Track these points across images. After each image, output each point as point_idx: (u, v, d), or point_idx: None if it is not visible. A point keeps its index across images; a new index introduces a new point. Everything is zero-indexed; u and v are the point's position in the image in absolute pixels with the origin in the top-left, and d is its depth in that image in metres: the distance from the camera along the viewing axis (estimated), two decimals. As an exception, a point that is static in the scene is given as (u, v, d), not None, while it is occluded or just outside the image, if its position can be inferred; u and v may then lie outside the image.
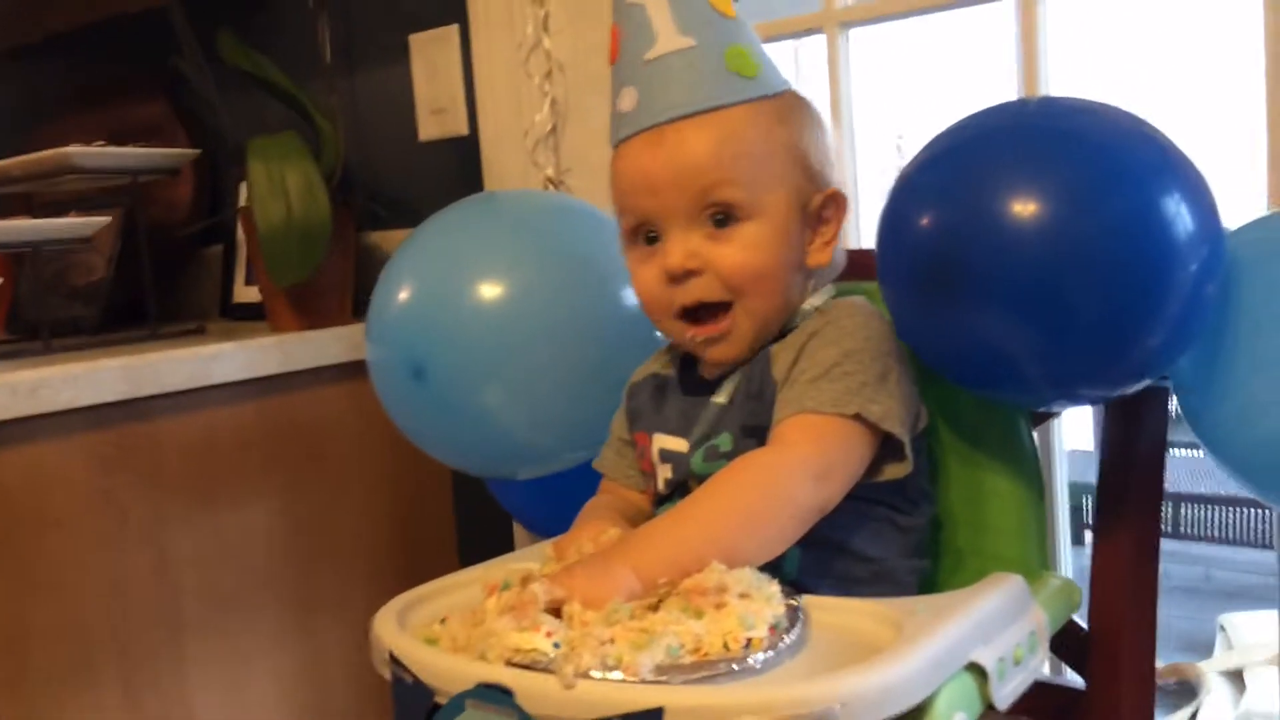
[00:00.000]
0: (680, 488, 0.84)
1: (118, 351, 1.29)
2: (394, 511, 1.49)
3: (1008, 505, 0.86)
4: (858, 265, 0.90)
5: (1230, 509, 3.11)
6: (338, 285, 1.47)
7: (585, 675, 0.62)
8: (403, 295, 1.00)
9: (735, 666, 0.62)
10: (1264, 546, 3.16)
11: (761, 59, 0.82)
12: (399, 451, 1.46)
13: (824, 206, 0.83)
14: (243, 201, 1.56)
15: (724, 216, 0.79)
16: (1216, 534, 3.16)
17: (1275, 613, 2.48)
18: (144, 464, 1.24)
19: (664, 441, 0.85)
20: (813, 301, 0.84)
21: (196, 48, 1.49)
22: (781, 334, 0.82)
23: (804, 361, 0.78)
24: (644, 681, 0.61)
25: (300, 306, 1.43)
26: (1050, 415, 0.95)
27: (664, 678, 0.61)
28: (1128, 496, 0.85)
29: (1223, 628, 2.52)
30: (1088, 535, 3.11)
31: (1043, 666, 0.76)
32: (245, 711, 1.32)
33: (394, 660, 0.71)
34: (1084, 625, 0.87)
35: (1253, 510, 3.08)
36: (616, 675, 0.62)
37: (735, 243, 0.79)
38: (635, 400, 0.90)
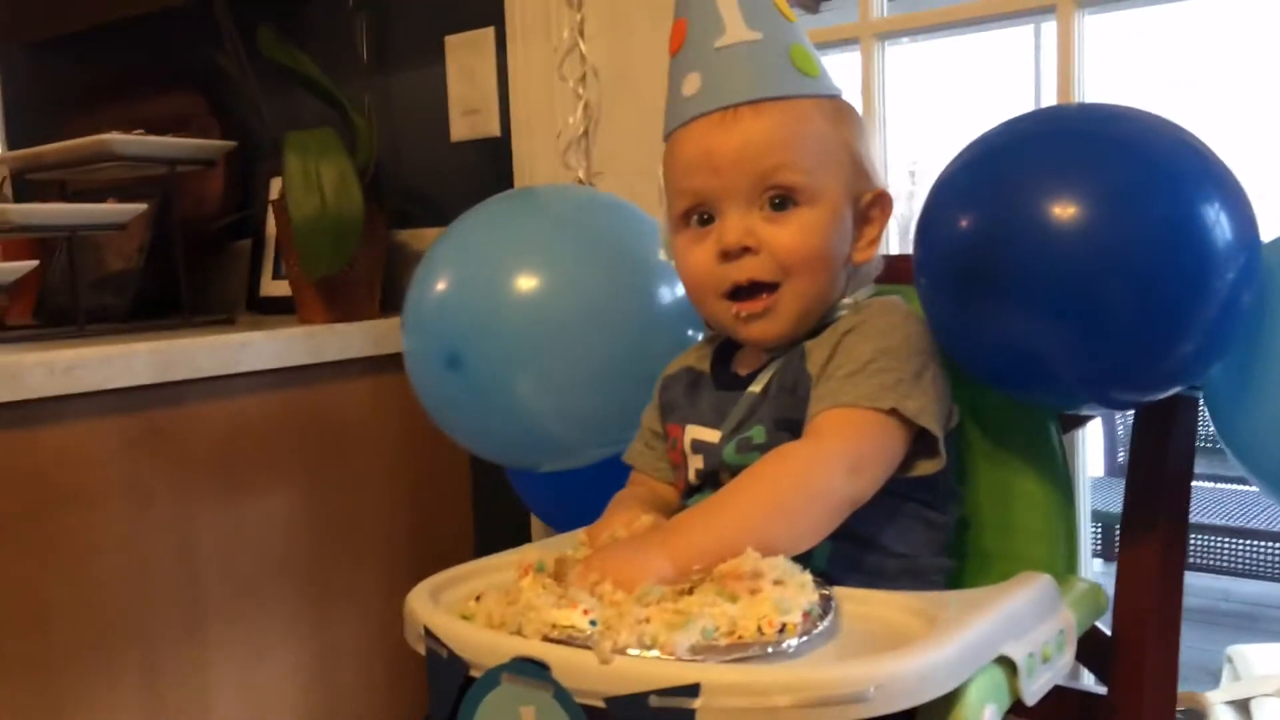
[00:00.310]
0: (711, 478, 0.85)
1: (151, 337, 1.30)
2: (412, 505, 1.50)
3: (1035, 508, 0.86)
4: (892, 269, 0.92)
5: (1239, 540, 3.10)
6: (367, 280, 1.48)
7: (622, 652, 0.63)
8: (440, 285, 1.01)
9: (770, 650, 0.63)
10: (1274, 579, 3.15)
11: (820, 62, 0.85)
12: (419, 446, 1.49)
13: (871, 205, 0.85)
14: (275, 195, 1.57)
15: (782, 200, 0.81)
16: (1225, 565, 3.15)
17: (1284, 645, 2.47)
18: (172, 448, 1.25)
19: (696, 432, 0.86)
20: (850, 299, 0.85)
21: (239, 42, 1.51)
22: (817, 330, 0.84)
23: (840, 357, 0.79)
24: (679, 660, 0.62)
25: (329, 299, 1.44)
26: (1080, 421, 0.95)
27: (699, 658, 0.62)
28: (1156, 503, 0.85)
29: (1229, 659, 2.51)
30: (1096, 563, 3.10)
31: (1069, 667, 0.76)
32: (260, 696, 1.33)
33: (429, 635, 0.72)
34: (1107, 631, 0.87)
35: (1264, 543, 3.07)
36: (654, 653, 0.63)
37: (792, 225, 0.81)
38: (669, 393, 0.91)
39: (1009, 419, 0.88)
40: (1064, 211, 0.71)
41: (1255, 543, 3.09)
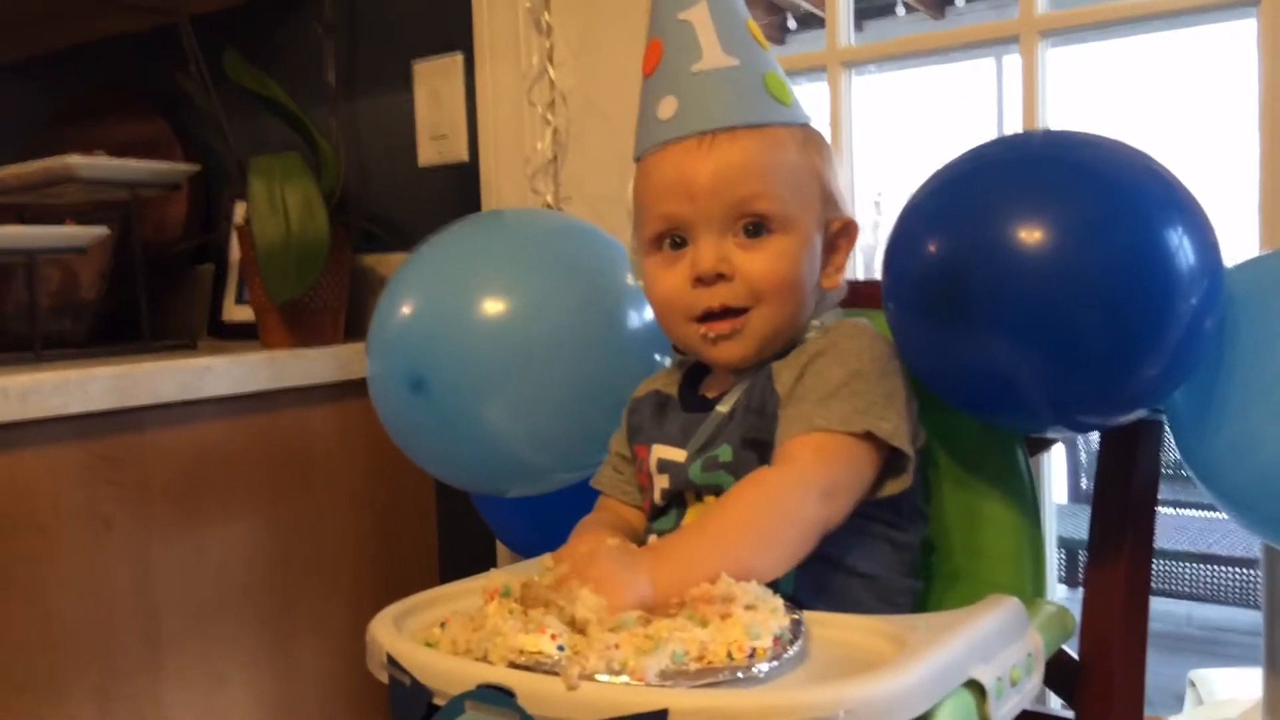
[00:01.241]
0: (676, 499, 0.84)
1: (110, 362, 1.28)
2: (376, 532, 1.48)
3: (1003, 531, 0.87)
4: (855, 295, 0.92)
5: (1201, 565, 3.13)
6: (331, 305, 1.47)
7: (590, 678, 0.62)
8: (405, 309, 1.00)
9: (740, 675, 0.62)
10: (1236, 604, 3.18)
11: (792, 90, 0.86)
12: (383, 472, 1.47)
13: (839, 233, 0.86)
14: (239, 219, 1.56)
15: (756, 227, 0.81)
16: (1188, 590, 3.18)
17: (1246, 670, 2.49)
18: (130, 475, 1.23)
19: (663, 452, 0.86)
20: (817, 322, 0.85)
21: (203, 66, 1.50)
22: (784, 352, 0.84)
23: (810, 380, 0.80)
24: (648, 685, 0.61)
25: (293, 325, 1.43)
26: (1047, 444, 0.96)
27: (669, 683, 0.61)
28: (1123, 525, 0.86)
29: (1193, 683, 2.53)
30: (1061, 589, 3.13)
31: (1037, 690, 0.76)
32: (221, 730, 1.30)
33: (392, 662, 0.71)
34: (1074, 655, 0.87)
35: (1225, 568, 3.11)
36: (622, 679, 0.62)
37: (766, 252, 0.81)
38: (636, 416, 0.91)
39: (976, 442, 0.88)
40: (1031, 237, 0.71)
41: (1217, 568, 3.12)
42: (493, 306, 0.98)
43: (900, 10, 5.59)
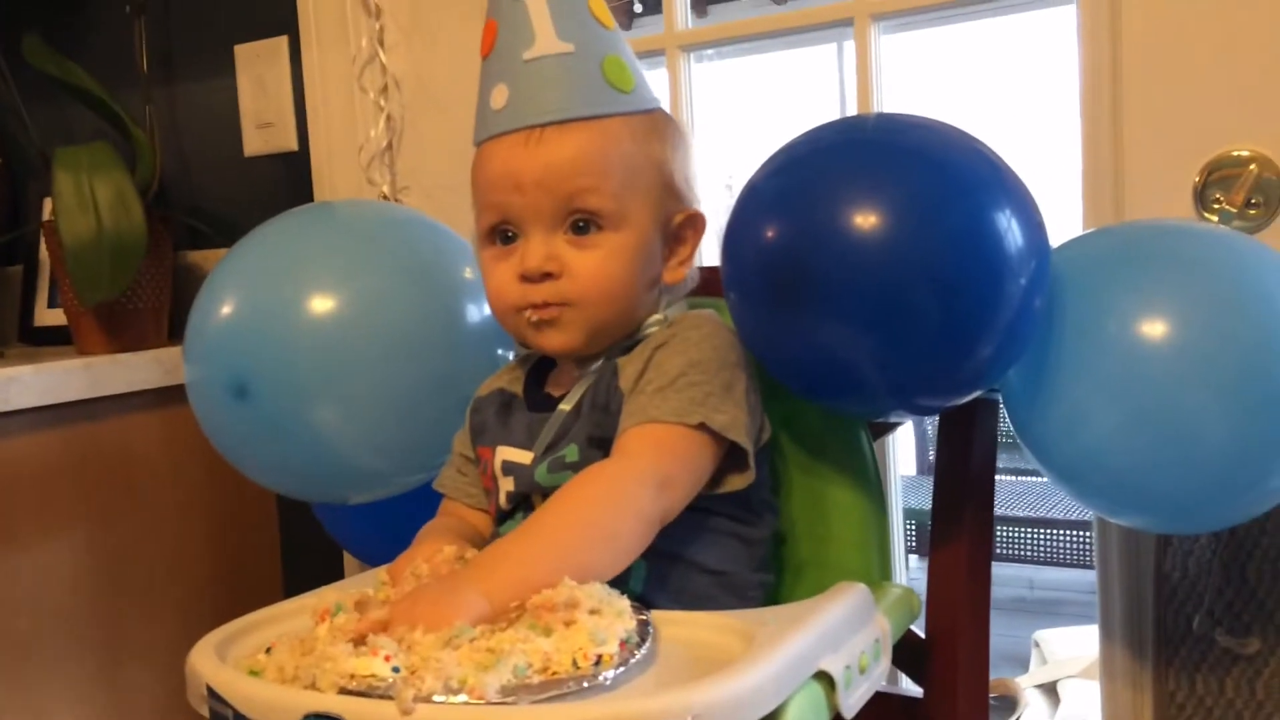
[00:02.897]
0: (523, 501, 0.81)
1: (-102, 375, 1.17)
2: (213, 546, 1.40)
3: (849, 517, 0.87)
4: (707, 283, 0.91)
5: (1043, 531, 3.27)
6: (152, 306, 1.38)
7: (427, 699, 0.58)
8: (225, 309, 0.94)
9: (585, 684, 0.60)
10: (1074, 565, 3.34)
11: (637, 74, 0.82)
12: (219, 481, 1.39)
13: (683, 226, 0.84)
14: (47, 215, 1.45)
15: (586, 223, 0.79)
16: (1029, 554, 3.32)
17: (1086, 628, 2.62)
18: (-73, 498, 1.13)
19: (508, 454, 0.82)
20: (660, 314, 0.83)
21: (-3, 50, 1.38)
22: (630, 346, 0.81)
23: (650, 372, 0.78)
24: (489, 703, 0.58)
25: (110, 328, 1.34)
26: (890, 428, 0.97)
27: (511, 699, 0.58)
28: (963, 504, 0.87)
29: (1037, 643, 2.64)
30: (912, 559, 3.23)
31: (886, 674, 0.76)
32: (42, 769, 1.21)
33: (212, 694, 0.66)
34: (921, 634, 0.88)
35: (1063, 532, 3.26)
36: (461, 698, 0.58)
37: (596, 251, 0.79)
38: (480, 415, 0.87)
39: (821, 430, 0.88)
40: (865, 222, 0.71)
41: (1055, 532, 3.27)
42: (320, 303, 0.92)
43: (744, -6, 5.64)
